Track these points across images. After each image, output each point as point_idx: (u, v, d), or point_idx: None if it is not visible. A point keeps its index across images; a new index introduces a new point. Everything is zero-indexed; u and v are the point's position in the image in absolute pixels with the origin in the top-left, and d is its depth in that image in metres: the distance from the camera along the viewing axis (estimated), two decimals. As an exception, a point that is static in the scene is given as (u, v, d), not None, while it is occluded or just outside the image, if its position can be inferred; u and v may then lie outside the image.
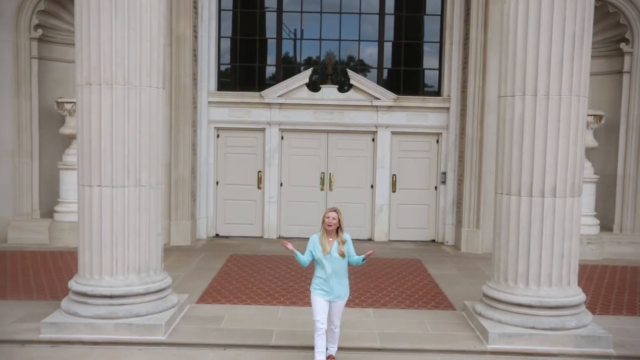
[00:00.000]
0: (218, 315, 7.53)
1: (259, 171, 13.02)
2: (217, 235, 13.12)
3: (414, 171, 13.03)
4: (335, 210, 5.91)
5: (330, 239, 5.86)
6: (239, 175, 13.04)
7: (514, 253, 6.92)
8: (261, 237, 13.05)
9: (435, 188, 13.05)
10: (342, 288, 5.96)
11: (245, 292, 8.64)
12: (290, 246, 5.93)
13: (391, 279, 9.60)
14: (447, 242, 12.83)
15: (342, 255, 5.84)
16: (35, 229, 11.84)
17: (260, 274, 9.73)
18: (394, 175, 13.00)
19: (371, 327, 7.22)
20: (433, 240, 13.10)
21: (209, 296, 8.39)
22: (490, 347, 6.64)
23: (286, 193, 13.07)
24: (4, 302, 7.90)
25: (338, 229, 5.86)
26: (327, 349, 6.09)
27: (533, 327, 6.70)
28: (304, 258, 5.96)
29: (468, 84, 12.02)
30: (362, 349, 6.63)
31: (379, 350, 6.66)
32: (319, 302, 5.86)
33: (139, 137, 6.84)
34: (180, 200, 12.09)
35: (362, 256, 5.97)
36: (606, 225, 12.24)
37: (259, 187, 13.06)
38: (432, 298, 8.58)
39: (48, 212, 12.16)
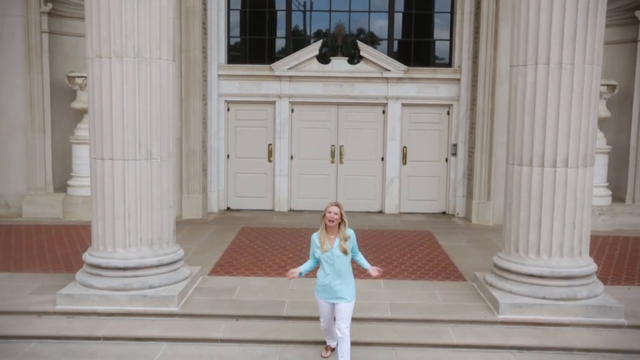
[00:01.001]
0: (230, 287, 7.61)
1: (270, 144, 13.02)
2: (228, 208, 13.19)
3: (425, 143, 12.97)
4: (336, 204, 5.45)
5: (332, 236, 5.44)
6: (249, 148, 13.05)
7: (525, 224, 6.90)
8: (272, 210, 13.10)
9: (446, 160, 13.00)
10: (345, 289, 5.43)
11: (256, 264, 8.71)
12: (295, 274, 5.59)
13: (402, 250, 9.63)
14: (457, 214, 12.82)
15: (345, 252, 5.39)
16: (49, 203, 11.96)
17: (272, 246, 9.79)
18: (405, 147, 12.96)
19: (382, 298, 7.27)
20: (444, 213, 13.10)
21: (221, 268, 8.48)
22: (501, 317, 6.67)
23: (297, 166, 13.08)
24: (20, 274, 8.03)
25: (340, 224, 5.42)
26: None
27: (544, 298, 6.71)
28: (310, 265, 5.64)
29: (479, 54, 11.89)
30: (373, 320, 6.68)
31: (390, 320, 6.71)
32: (321, 304, 5.59)
33: (150, 110, 6.85)
34: (192, 173, 12.14)
35: (369, 265, 5.66)
36: (618, 196, 12.16)
37: (269, 160, 13.07)
38: (443, 269, 8.61)
39: (61, 186, 12.27)
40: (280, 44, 13.23)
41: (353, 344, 5.48)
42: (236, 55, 13.17)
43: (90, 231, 7.20)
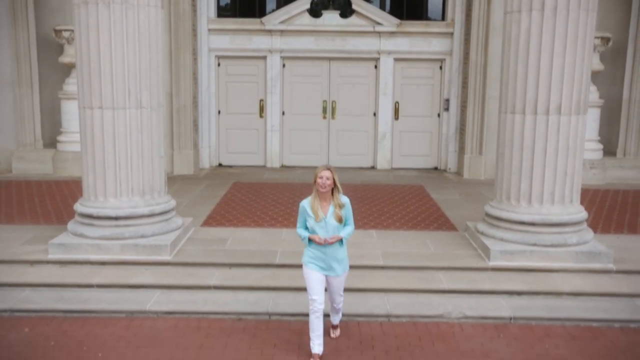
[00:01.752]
0: (222, 237, 7.63)
1: (261, 100, 12.90)
2: (220, 164, 13.14)
3: (417, 98, 12.89)
4: (328, 168, 4.92)
5: (325, 203, 4.95)
6: (240, 104, 12.93)
7: (517, 172, 6.91)
8: (264, 166, 13.06)
9: (438, 115, 12.95)
10: (341, 261, 5.06)
11: (249, 216, 8.72)
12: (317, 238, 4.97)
13: (394, 203, 9.66)
14: (449, 169, 12.84)
15: (340, 221, 4.95)
16: (39, 159, 11.87)
17: (264, 199, 9.79)
18: (397, 102, 12.88)
19: (374, 247, 7.31)
20: (436, 168, 13.11)
21: (213, 220, 8.48)
22: (492, 263, 6.73)
23: (288, 122, 13.00)
24: (12, 226, 8.01)
25: (333, 190, 4.95)
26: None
27: (534, 244, 6.77)
28: (302, 233, 5.05)
29: (473, 7, 11.73)
30: (365, 267, 6.72)
31: (382, 268, 6.76)
32: (315, 277, 4.97)
33: (139, 58, 6.74)
34: (182, 129, 12.04)
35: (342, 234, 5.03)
36: (610, 149, 12.20)
37: (261, 116, 12.98)
38: (435, 220, 8.65)
39: (51, 142, 12.16)
40: (271, -3, 13.00)
41: (346, 289, 5.50)
42: (226, 8, 12.93)
43: (82, 186, 7.15)
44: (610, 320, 5.89)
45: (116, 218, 6.82)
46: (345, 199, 5.02)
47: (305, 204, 5.01)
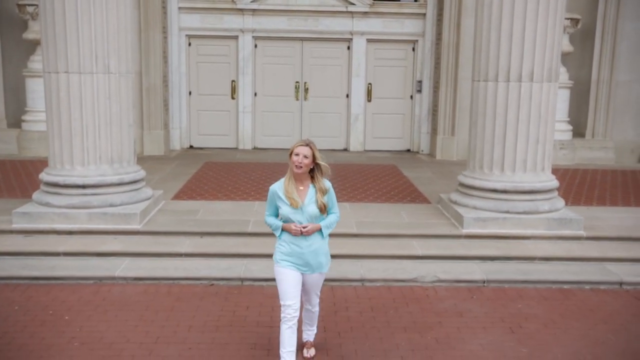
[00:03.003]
0: (194, 209, 7.50)
1: (233, 81, 12.74)
2: (191, 146, 12.93)
3: (390, 80, 12.87)
4: (307, 144, 3.97)
5: (302, 187, 4.04)
6: (212, 85, 12.75)
7: (490, 140, 6.92)
8: (236, 149, 12.90)
9: (411, 97, 12.94)
10: (322, 256, 4.13)
11: (220, 190, 8.59)
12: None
13: (367, 180, 9.63)
14: (422, 150, 12.85)
15: (323, 209, 4.03)
16: (3, 139, 11.53)
17: (236, 177, 9.66)
18: (370, 84, 12.84)
19: (347, 217, 7.23)
20: (408, 150, 13.10)
21: (184, 194, 8.34)
22: (465, 231, 6.73)
23: (260, 103, 12.86)
24: (-27, 200, 7.76)
25: (314, 172, 4.04)
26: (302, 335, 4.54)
27: (507, 212, 6.79)
28: (273, 222, 4.14)
29: (445, -13, 11.75)
30: (338, 235, 6.54)
31: (355, 236, 6.71)
32: (289, 278, 4.04)
33: (106, 21, 6.56)
34: (152, 109, 11.81)
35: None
36: (579, 131, 12.35)
37: (232, 97, 12.82)
38: (408, 194, 8.64)
39: (15, 122, 11.83)
40: (242, -24, 12.83)
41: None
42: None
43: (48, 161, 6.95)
44: (580, 282, 5.94)
45: (84, 186, 6.65)
46: (328, 183, 4.10)
47: (277, 187, 4.04)
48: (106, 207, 6.66)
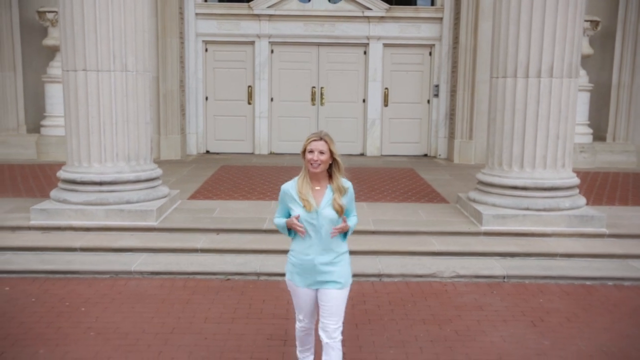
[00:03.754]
0: (210, 207, 7.48)
1: (249, 86, 12.77)
2: (207, 151, 12.96)
3: (406, 84, 12.82)
4: (321, 137, 3.44)
5: (318, 188, 3.50)
6: (228, 90, 12.79)
7: (509, 136, 6.83)
8: (252, 154, 12.91)
9: (428, 102, 12.88)
10: (337, 268, 3.49)
11: (236, 191, 8.57)
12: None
13: (384, 182, 9.55)
14: (439, 155, 12.76)
15: (340, 212, 3.46)
16: (22, 144, 11.64)
17: (252, 179, 9.65)
18: (386, 88, 12.80)
19: (365, 215, 7.17)
20: (425, 155, 13.01)
21: (200, 194, 8.33)
22: (484, 228, 6.63)
23: (277, 108, 12.87)
24: (-8, 199, 7.81)
25: (332, 168, 3.50)
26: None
27: (527, 209, 6.68)
28: (280, 222, 3.59)
29: (462, -9, 11.72)
30: (355, 232, 6.52)
31: (372, 233, 6.64)
32: (299, 295, 3.58)
33: (124, 20, 6.60)
34: (169, 114, 11.87)
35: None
36: (599, 135, 12.19)
37: (249, 103, 12.84)
38: (426, 195, 8.55)
39: (34, 127, 11.95)
40: (259, -18, 12.90)
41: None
42: (214, -7, 12.83)
43: (66, 164, 6.99)
44: (603, 278, 5.80)
45: (100, 183, 6.65)
46: (347, 183, 3.54)
47: (290, 186, 3.51)
48: (123, 204, 6.66)
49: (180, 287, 5.52)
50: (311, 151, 3.41)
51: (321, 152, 3.40)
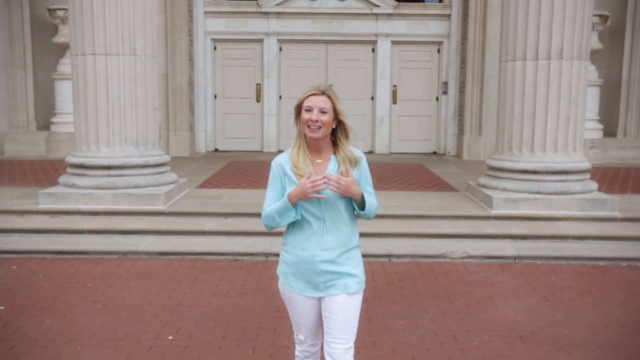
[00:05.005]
0: (218, 195, 7.46)
1: (258, 84, 12.78)
2: (216, 149, 12.96)
3: (415, 82, 12.79)
4: (323, 92, 2.64)
5: (319, 161, 2.64)
6: (237, 88, 12.80)
7: (519, 120, 6.77)
8: (261, 151, 12.89)
9: (437, 99, 12.83)
10: (346, 266, 2.61)
11: (245, 181, 8.55)
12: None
13: (394, 175, 9.50)
14: (448, 152, 12.68)
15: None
16: (32, 140, 11.69)
17: (260, 172, 9.60)
18: (395, 86, 12.77)
19: (373, 201, 7.11)
20: (434, 152, 12.95)
21: (208, 184, 8.31)
22: (495, 212, 6.55)
23: (285, 106, 12.85)
24: (1, 188, 7.82)
25: (336, 135, 2.66)
26: None
27: (538, 192, 6.61)
28: (273, 208, 2.59)
29: (470, -13, 11.70)
30: (365, 217, 6.52)
31: (382, 217, 6.56)
32: (297, 303, 2.70)
33: (133, 4, 6.61)
34: (178, 110, 11.89)
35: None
36: (609, 131, 12.08)
37: (257, 100, 12.84)
38: (435, 185, 8.49)
39: (44, 125, 12.00)
40: (267, -19, 12.95)
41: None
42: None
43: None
44: (617, 258, 5.72)
45: (109, 167, 6.65)
46: (358, 151, 2.70)
47: (283, 159, 2.65)
48: (131, 188, 6.65)
49: (188, 267, 5.48)
50: (309, 109, 2.56)
51: (322, 111, 2.55)
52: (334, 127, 2.63)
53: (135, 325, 4.15)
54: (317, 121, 2.55)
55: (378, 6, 12.34)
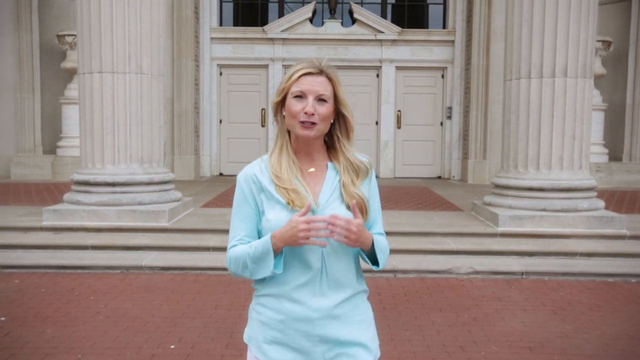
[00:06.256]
0: (223, 213, 7.41)
1: (263, 109, 12.86)
2: (221, 174, 12.98)
3: (419, 107, 12.84)
4: (321, 70, 1.82)
5: (311, 169, 1.84)
6: (242, 113, 12.88)
7: (524, 138, 6.76)
8: (265, 176, 12.86)
9: (441, 124, 12.87)
10: (354, 317, 1.81)
11: (250, 202, 8.52)
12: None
13: (398, 196, 9.47)
14: (453, 176, 12.67)
15: (363, 210, 1.80)
16: (38, 164, 11.74)
17: (265, 193, 9.59)
18: (399, 111, 12.83)
19: (379, 220, 7.07)
20: (439, 177, 12.93)
21: (213, 203, 8.31)
22: (501, 229, 6.49)
23: (290, 130, 12.89)
24: (7, 207, 7.83)
25: (334, 133, 1.87)
26: None
27: (544, 210, 6.56)
28: (246, 252, 1.78)
29: (473, 13, 11.82)
30: (370, 234, 6.48)
31: (387, 234, 6.47)
32: None
33: (140, 23, 6.70)
34: (183, 134, 11.95)
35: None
36: (615, 155, 12.05)
37: (262, 125, 12.90)
38: (440, 205, 8.45)
39: (51, 149, 12.06)
40: (273, 7, 13.14)
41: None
42: (228, 18, 13.06)
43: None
44: (626, 274, 5.64)
45: (113, 184, 6.64)
46: (364, 158, 1.91)
47: (256, 169, 1.88)
48: (135, 205, 6.63)
49: (191, 281, 5.43)
50: (301, 96, 1.77)
51: (321, 99, 1.77)
52: (332, 122, 1.83)
53: (137, 335, 4.09)
54: (313, 114, 1.75)
55: (382, 32, 12.47)
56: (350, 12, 12.59)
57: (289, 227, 1.67)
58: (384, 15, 12.91)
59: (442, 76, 12.78)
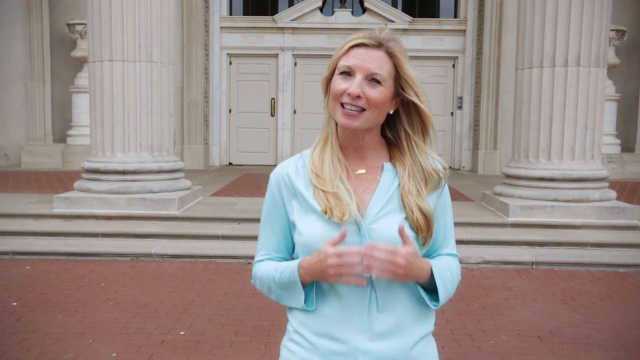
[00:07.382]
0: (232, 202, 7.44)
1: (272, 98, 12.84)
2: (230, 164, 12.99)
3: (430, 97, 12.65)
4: (380, 43, 1.39)
5: (362, 171, 1.44)
6: (252, 102, 12.87)
7: (536, 127, 6.71)
8: (275, 166, 12.83)
9: (452, 114, 12.80)
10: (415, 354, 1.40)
11: (259, 190, 8.54)
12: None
13: (408, 186, 9.43)
14: (464, 167, 12.61)
15: (424, 229, 1.41)
16: (49, 153, 11.79)
17: (275, 183, 9.60)
18: (410, 101, 12.73)
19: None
20: (450, 167, 12.81)
21: (222, 192, 8.32)
22: (511, 219, 6.46)
23: (300, 120, 12.89)
24: (18, 194, 7.88)
25: (400, 127, 1.46)
26: None
27: (555, 200, 6.51)
28: (265, 272, 1.48)
29: (486, 3, 11.71)
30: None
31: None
32: None
33: (150, 11, 6.69)
34: (193, 124, 11.96)
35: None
36: (627, 146, 11.95)
37: (272, 115, 12.89)
38: (450, 195, 8.39)
39: (61, 138, 12.11)
40: (283, -4, 13.10)
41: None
42: (238, 8, 13.02)
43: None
44: (637, 265, 5.60)
45: (124, 172, 6.66)
46: (441, 164, 1.53)
47: (291, 169, 1.53)
48: (145, 193, 6.65)
49: (201, 269, 5.45)
50: (348, 72, 1.40)
51: (373, 79, 1.39)
52: (391, 112, 1.44)
53: (147, 321, 4.11)
54: (359, 97, 1.37)
55: (393, 22, 12.40)
56: (361, 2, 12.52)
57: (317, 260, 1.32)
58: (395, 4, 12.82)
59: (453, 66, 12.69)
